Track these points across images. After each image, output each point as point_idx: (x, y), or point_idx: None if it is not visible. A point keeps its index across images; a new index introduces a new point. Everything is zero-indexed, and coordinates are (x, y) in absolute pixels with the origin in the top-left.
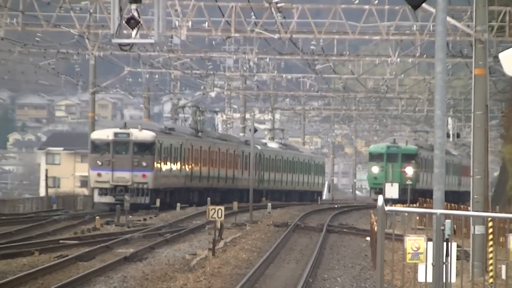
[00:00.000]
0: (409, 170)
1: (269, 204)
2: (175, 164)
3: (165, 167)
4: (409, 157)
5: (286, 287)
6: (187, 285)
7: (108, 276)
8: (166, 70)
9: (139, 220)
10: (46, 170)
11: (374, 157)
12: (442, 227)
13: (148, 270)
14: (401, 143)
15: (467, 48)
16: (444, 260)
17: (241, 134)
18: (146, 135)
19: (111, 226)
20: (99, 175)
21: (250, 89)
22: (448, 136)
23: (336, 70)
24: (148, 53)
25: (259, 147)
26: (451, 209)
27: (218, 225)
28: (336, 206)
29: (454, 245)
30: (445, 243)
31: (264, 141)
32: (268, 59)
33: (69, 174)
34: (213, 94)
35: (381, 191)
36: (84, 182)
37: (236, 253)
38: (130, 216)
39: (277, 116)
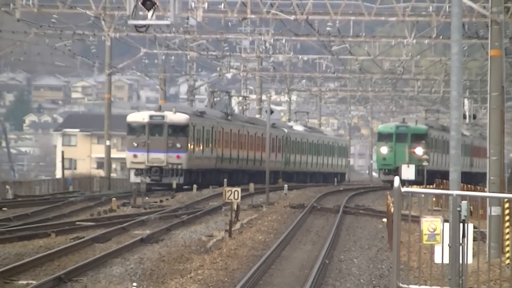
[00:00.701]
0: (419, 151)
1: (286, 186)
2: (207, 146)
3: (197, 149)
4: (418, 137)
5: (303, 268)
6: (204, 267)
7: (125, 258)
8: (182, 52)
9: (155, 202)
10: (62, 151)
11: (383, 137)
12: (458, 208)
13: (165, 252)
14: (411, 123)
15: (483, 29)
16: (461, 241)
17: (257, 116)
18: (180, 117)
19: (127, 208)
20: (135, 156)
21: (266, 70)
22: (464, 117)
23: (352, 52)
24: (164, 34)
25: (286, 130)
26: (467, 190)
27: (235, 207)
28: (341, 189)
29: (470, 226)
30: (461, 224)
31: (290, 124)
32: (284, 40)
33: (85, 155)
34: (229, 75)
35: (390, 172)
36: (101, 164)
37: (253, 234)
38: (147, 198)
39: (293, 97)
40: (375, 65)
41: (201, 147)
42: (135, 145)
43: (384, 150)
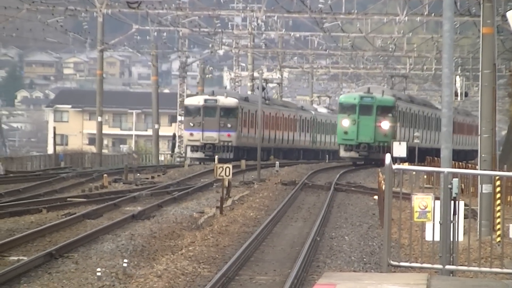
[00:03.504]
0: (385, 125)
1: (277, 163)
2: (251, 127)
3: (244, 129)
4: (385, 109)
5: (294, 245)
6: (195, 243)
7: (116, 234)
8: (174, 28)
9: (147, 178)
10: (54, 127)
11: (345, 109)
12: (449, 186)
13: (156, 228)
14: (377, 93)
15: (475, 6)
16: (452, 219)
17: (249, 92)
18: (230, 101)
19: (118, 184)
20: (191, 134)
21: (258, 47)
22: (456, 95)
23: (344, 29)
24: (156, 10)
25: (313, 112)
26: (459, 168)
27: (226, 183)
28: (326, 161)
29: (461, 203)
30: (452, 202)
31: (315, 106)
32: (276, 17)
33: (77, 131)
34: (221, 52)
35: (352, 148)
36: (92, 140)
37: (244, 211)
38: (138, 174)
39: (285, 74)
40: (367, 42)
41: (247, 128)
42: (192, 125)
43: (345, 123)
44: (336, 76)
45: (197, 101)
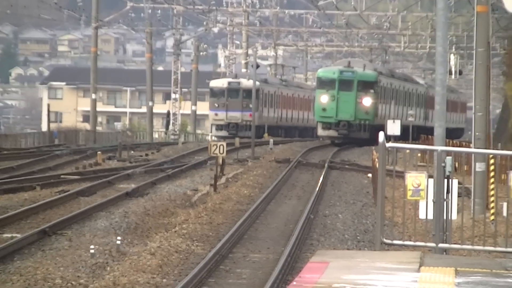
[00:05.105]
0: (367, 101)
1: (271, 140)
2: (271, 106)
3: (265, 109)
4: (367, 84)
5: (288, 223)
6: (188, 221)
7: (109, 211)
8: (169, 5)
9: (141, 156)
10: (48, 104)
11: (324, 84)
12: (443, 164)
13: (150, 206)
14: (358, 67)
15: None
16: (445, 197)
17: (243, 70)
18: (252, 83)
19: (112, 161)
20: (216, 114)
21: (252, 25)
22: (450, 73)
23: (339, 6)
24: None
25: None
26: (453, 146)
27: (220, 161)
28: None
29: (455, 182)
30: (446, 180)
31: None
32: None
33: (72, 108)
34: (215, 30)
35: (330, 126)
36: (86, 117)
37: (238, 189)
38: (132, 152)
39: (280, 52)
40: (362, 20)
41: (267, 107)
42: (216, 105)
43: (324, 99)
44: (330, 54)
45: (221, 83)
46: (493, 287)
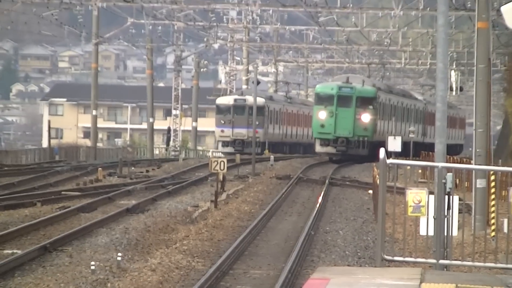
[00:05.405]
0: (366, 118)
1: (272, 157)
2: (276, 123)
3: (270, 125)
4: (365, 100)
5: (288, 239)
6: (189, 237)
7: (110, 228)
8: (169, 22)
9: (142, 172)
10: (49, 121)
11: (322, 100)
12: (443, 180)
13: (150, 222)
14: (356, 83)
15: (470, 1)
16: (446, 214)
17: (244, 87)
18: (258, 100)
19: (113, 178)
20: (222, 131)
21: (253, 41)
22: (451, 89)
23: (339, 23)
24: (151, 4)
25: None
26: (454, 162)
27: (221, 177)
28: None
29: (456, 198)
30: (446, 197)
31: None
32: (271, 11)
33: (72, 125)
34: (216, 46)
35: (329, 143)
36: (87, 133)
37: (238, 205)
38: (133, 168)
39: (280, 68)
40: (362, 36)
41: (273, 124)
42: (223, 122)
43: (322, 115)
44: (331, 70)
45: (228, 100)
46: None
